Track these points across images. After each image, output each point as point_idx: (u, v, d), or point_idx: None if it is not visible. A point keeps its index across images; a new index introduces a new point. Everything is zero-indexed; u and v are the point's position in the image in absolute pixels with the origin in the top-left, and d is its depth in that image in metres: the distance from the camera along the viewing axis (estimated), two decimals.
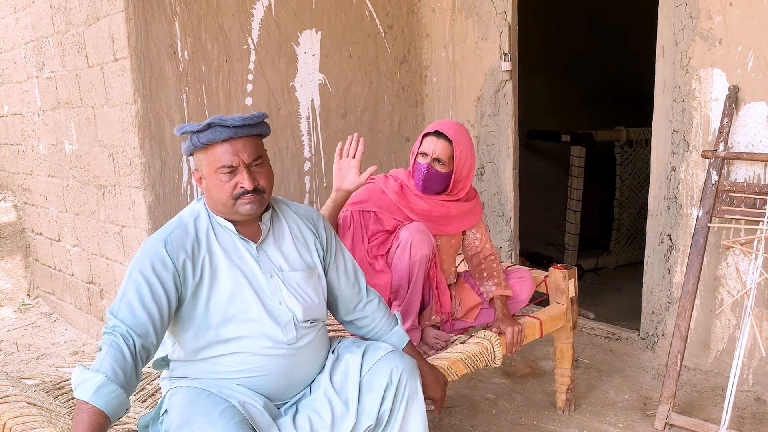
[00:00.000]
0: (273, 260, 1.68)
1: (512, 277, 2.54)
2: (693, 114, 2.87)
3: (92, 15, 3.15)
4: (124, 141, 3.13)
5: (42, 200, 4.26)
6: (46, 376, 2.13)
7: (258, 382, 1.65)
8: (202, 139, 1.57)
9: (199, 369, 1.66)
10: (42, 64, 3.79)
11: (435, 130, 2.33)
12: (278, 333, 1.64)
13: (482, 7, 3.73)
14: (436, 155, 2.30)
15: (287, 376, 1.68)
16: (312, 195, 3.70)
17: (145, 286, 1.53)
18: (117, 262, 3.46)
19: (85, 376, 1.44)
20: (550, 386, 2.86)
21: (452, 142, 2.30)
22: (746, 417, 2.63)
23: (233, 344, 1.62)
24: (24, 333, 4.13)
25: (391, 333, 1.89)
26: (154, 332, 1.53)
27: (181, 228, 1.62)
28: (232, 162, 1.57)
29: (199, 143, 1.58)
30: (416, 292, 2.28)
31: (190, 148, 1.63)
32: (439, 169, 2.32)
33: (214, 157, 1.58)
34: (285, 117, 3.52)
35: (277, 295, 1.66)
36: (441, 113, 4.08)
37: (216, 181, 1.59)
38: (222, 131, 1.55)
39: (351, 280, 1.85)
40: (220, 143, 1.57)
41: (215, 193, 1.61)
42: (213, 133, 1.56)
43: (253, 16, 3.33)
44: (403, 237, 2.23)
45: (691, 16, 2.81)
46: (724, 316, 2.86)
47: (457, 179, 2.37)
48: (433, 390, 1.86)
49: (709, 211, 2.63)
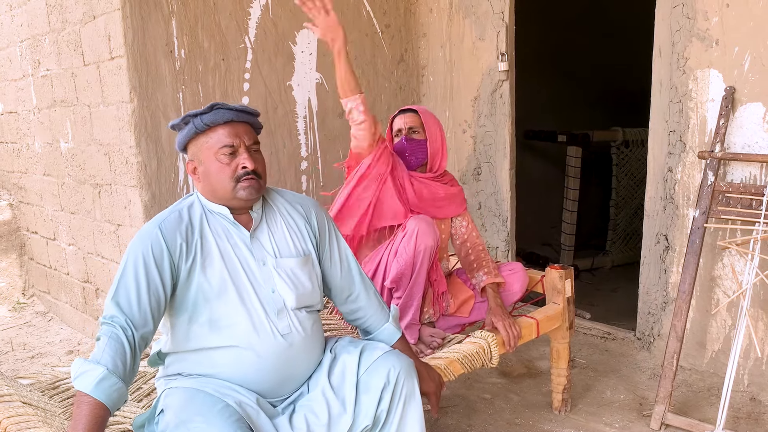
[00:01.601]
0: (266, 248, 1.70)
1: (504, 270, 2.56)
2: (690, 115, 2.87)
3: (88, 13, 3.14)
4: (120, 140, 3.11)
5: (37, 199, 4.24)
6: (42, 376, 2.12)
7: (252, 376, 1.64)
8: (205, 119, 1.62)
9: (193, 363, 1.66)
10: (38, 62, 3.77)
11: (399, 110, 2.55)
12: (271, 321, 1.65)
13: (479, 7, 3.73)
14: (408, 125, 2.48)
15: (281, 370, 1.67)
16: (309, 194, 3.70)
17: (142, 273, 1.55)
18: (113, 261, 3.45)
19: (85, 367, 1.45)
20: (546, 386, 2.86)
21: (417, 112, 2.50)
22: (742, 417, 2.63)
23: (226, 334, 1.62)
24: (19, 332, 4.11)
25: (383, 327, 1.90)
26: (152, 320, 1.55)
27: (174, 214, 1.65)
28: (233, 142, 1.63)
29: (202, 124, 1.62)
30: (419, 283, 2.28)
31: (189, 134, 1.66)
32: (416, 137, 2.48)
33: (215, 139, 1.63)
34: (282, 116, 3.51)
35: (269, 283, 1.67)
36: (438, 113, 4.08)
37: (217, 164, 1.63)
38: (225, 113, 1.62)
39: (344, 270, 1.86)
40: (222, 125, 1.63)
41: (215, 177, 1.64)
42: (216, 114, 1.62)
43: (250, 14, 3.33)
44: (410, 227, 2.26)
45: (687, 17, 2.82)
46: (720, 317, 2.87)
47: (434, 151, 2.49)
48: (426, 384, 1.85)
49: (706, 212, 2.64)
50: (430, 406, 1.89)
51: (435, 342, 2.36)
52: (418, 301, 2.31)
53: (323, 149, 3.73)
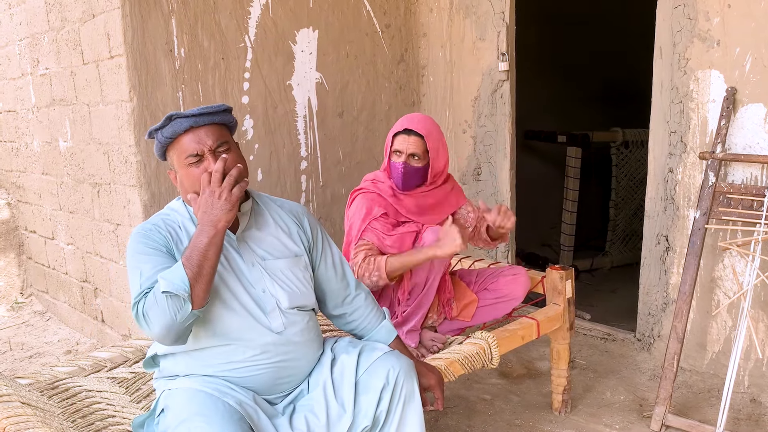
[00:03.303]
0: (254, 250, 1.70)
1: (507, 274, 2.55)
2: (690, 115, 2.87)
3: (88, 12, 3.13)
4: (119, 139, 3.10)
5: (36, 198, 4.23)
6: (40, 376, 2.11)
7: (245, 374, 1.64)
8: (165, 133, 1.61)
9: (188, 364, 1.66)
10: (36, 61, 3.76)
11: (404, 128, 2.34)
12: (264, 320, 1.65)
13: (480, 6, 3.72)
14: (410, 151, 2.33)
15: (275, 368, 1.67)
16: (308, 194, 3.69)
17: (153, 257, 1.57)
18: (111, 260, 3.44)
19: (167, 275, 1.48)
20: (546, 387, 2.86)
21: (423, 137, 2.32)
22: (742, 418, 2.63)
23: (220, 334, 1.62)
24: (17, 332, 4.10)
25: (379, 327, 1.91)
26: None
27: (161, 219, 1.68)
28: (196, 150, 1.60)
29: (164, 138, 1.62)
30: (429, 294, 2.28)
31: (159, 148, 1.66)
32: (415, 164, 2.35)
33: (180, 149, 1.62)
34: (282, 116, 3.50)
35: (260, 284, 1.67)
36: (438, 113, 4.07)
37: (187, 172, 1.62)
38: (182, 122, 1.60)
39: (339, 274, 1.87)
40: (184, 134, 1.61)
41: (188, 185, 1.63)
42: (174, 125, 1.60)
43: (250, 14, 3.32)
44: (427, 239, 2.24)
45: (689, 18, 2.81)
46: (720, 318, 2.87)
47: (435, 172, 2.40)
48: (428, 378, 1.84)
49: (706, 213, 2.63)
50: (436, 398, 1.87)
51: (436, 347, 2.36)
52: (425, 310, 2.31)
53: (323, 149, 3.72)
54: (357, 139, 3.90)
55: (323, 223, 3.79)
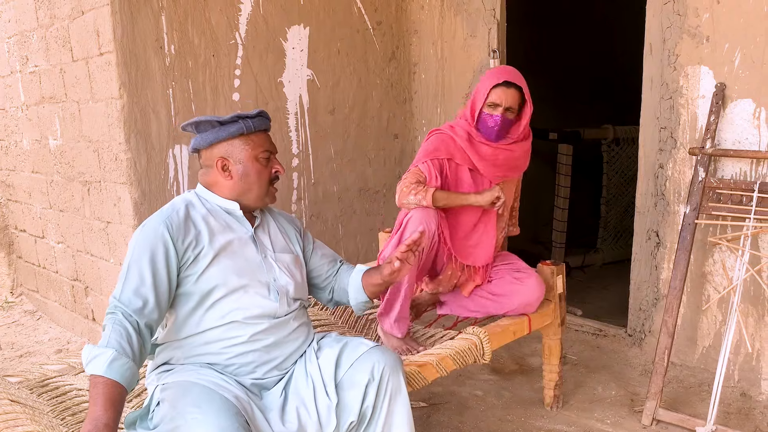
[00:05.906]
0: (265, 243, 1.83)
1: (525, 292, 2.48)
2: (680, 111, 2.88)
3: (77, 8, 3.11)
4: (109, 136, 3.09)
5: (26, 196, 4.20)
6: (30, 374, 2.09)
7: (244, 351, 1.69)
8: (255, 123, 1.76)
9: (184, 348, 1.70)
10: (26, 59, 3.73)
11: (504, 80, 2.34)
12: (271, 305, 1.73)
13: (471, 4, 3.73)
14: (508, 104, 2.36)
15: (268, 352, 1.73)
16: (300, 191, 3.68)
17: (147, 267, 1.60)
18: (102, 259, 3.42)
19: (95, 352, 1.47)
20: (537, 383, 2.86)
21: (522, 89, 2.36)
22: (732, 412, 2.65)
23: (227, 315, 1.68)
24: (7, 331, 4.08)
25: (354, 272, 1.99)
26: (157, 309, 1.59)
27: (177, 210, 1.71)
28: (271, 148, 1.81)
29: (252, 127, 1.75)
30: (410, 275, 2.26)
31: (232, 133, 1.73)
32: (510, 117, 2.39)
33: (256, 143, 1.77)
34: (273, 113, 3.49)
35: (271, 273, 1.78)
36: (430, 110, 4.07)
37: (257, 165, 1.77)
38: (266, 121, 1.81)
39: (327, 255, 2.04)
40: (262, 132, 1.80)
41: (254, 177, 1.76)
42: (261, 121, 1.78)
43: (241, 11, 3.31)
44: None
45: (678, 14, 2.82)
46: (710, 313, 2.88)
47: (524, 124, 2.45)
48: None
49: (696, 208, 2.65)
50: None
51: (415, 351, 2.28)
52: (405, 294, 2.28)
53: (314, 146, 3.71)
54: (348, 136, 3.89)
55: (314, 220, 3.79)
